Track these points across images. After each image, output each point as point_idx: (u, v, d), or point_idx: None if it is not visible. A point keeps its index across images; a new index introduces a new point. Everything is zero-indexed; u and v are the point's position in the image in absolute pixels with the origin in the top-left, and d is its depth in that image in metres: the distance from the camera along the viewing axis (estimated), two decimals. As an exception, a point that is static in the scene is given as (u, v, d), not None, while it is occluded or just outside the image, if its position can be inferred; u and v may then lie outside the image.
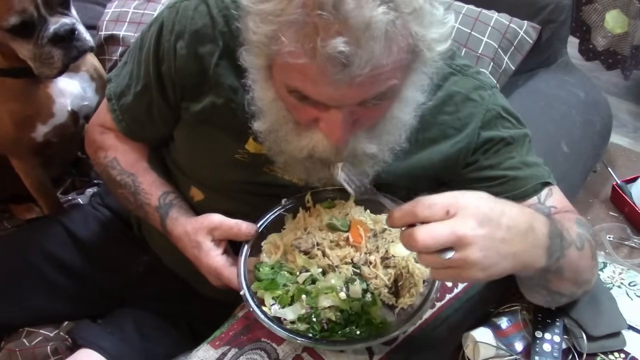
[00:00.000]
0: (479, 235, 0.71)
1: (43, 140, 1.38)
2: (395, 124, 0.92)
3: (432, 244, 0.70)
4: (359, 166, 0.93)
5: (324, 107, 0.82)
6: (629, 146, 2.09)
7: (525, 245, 0.76)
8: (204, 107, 1.02)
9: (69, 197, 1.61)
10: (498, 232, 0.73)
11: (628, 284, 1.14)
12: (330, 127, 0.84)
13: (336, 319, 0.84)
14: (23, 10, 1.15)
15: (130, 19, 1.70)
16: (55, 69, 1.23)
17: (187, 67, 1.01)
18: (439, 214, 0.72)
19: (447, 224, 0.71)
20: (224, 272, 0.99)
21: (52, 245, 1.29)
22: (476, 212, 0.72)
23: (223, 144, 1.04)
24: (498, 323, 1.05)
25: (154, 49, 1.04)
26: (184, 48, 1.00)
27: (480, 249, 0.71)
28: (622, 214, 1.45)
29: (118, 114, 1.14)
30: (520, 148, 1.04)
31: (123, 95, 1.13)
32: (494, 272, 0.73)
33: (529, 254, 0.77)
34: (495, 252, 0.72)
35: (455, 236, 0.70)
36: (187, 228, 1.04)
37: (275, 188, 1.04)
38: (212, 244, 1.01)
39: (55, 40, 1.20)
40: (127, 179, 1.15)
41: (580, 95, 1.46)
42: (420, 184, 1.06)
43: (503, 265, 0.74)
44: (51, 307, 1.26)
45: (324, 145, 0.88)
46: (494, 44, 1.37)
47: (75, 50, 1.23)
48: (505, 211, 0.75)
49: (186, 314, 1.25)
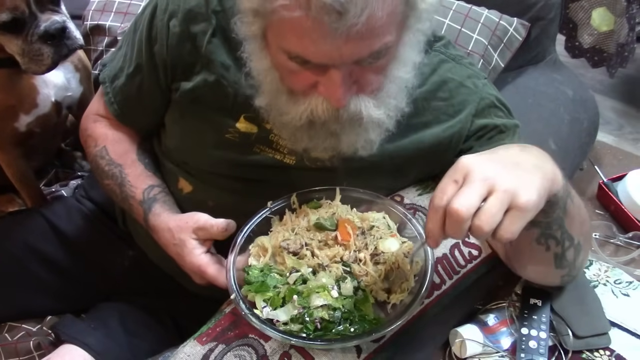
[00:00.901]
0: (497, 169, 0.72)
1: (26, 130, 1.37)
2: (398, 85, 0.92)
3: (470, 200, 0.70)
4: (365, 134, 0.93)
5: (323, 70, 0.82)
6: (613, 143, 2.10)
7: (534, 156, 0.78)
8: (196, 85, 1.03)
9: (52, 189, 1.59)
10: (506, 159, 0.75)
11: (613, 282, 1.15)
12: (330, 88, 0.84)
13: (329, 317, 0.84)
14: (14, 7, 1.14)
15: (117, 9, 1.67)
16: (44, 65, 1.22)
17: (179, 45, 1.03)
18: (451, 188, 0.72)
19: (467, 182, 0.71)
20: (208, 269, 0.98)
21: (34, 238, 1.27)
22: (476, 161, 0.73)
23: (214, 123, 1.04)
24: (485, 320, 1.06)
25: (147, 30, 1.06)
26: (177, 26, 1.02)
27: (507, 174, 0.71)
28: (608, 212, 1.46)
29: (110, 97, 1.15)
30: (511, 137, 1.04)
31: (116, 78, 1.14)
32: (538, 186, 0.72)
33: (545, 161, 0.78)
34: (521, 171, 0.73)
35: (480, 180, 0.70)
36: (170, 225, 1.03)
37: (265, 170, 1.04)
38: (197, 242, 1.01)
39: (45, 37, 1.18)
40: (114, 170, 1.14)
41: (569, 93, 1.46)
42: (409, 169, 1.06)
43: (537, 177, 0.73)
44: (34, 301, 1.25)
45: (322, 108, 0.88)
46: (484, 41, 1.37)
47: (66, 48, 1.22)
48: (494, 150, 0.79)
49: (171, 309, 1.24)
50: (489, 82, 1.08)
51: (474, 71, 1.07)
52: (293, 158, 1.03)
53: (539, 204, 0.72)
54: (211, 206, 1.08)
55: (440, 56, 1.06)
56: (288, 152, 1.03)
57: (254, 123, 1.02)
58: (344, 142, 0.94)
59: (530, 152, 0.78)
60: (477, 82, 1.05)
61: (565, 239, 0.89)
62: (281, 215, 1.00)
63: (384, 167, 1.03)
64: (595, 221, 1.41)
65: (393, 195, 1.08)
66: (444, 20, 1.37)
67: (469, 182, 0.71)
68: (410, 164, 1.05)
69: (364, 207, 1.01)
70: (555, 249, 0.90)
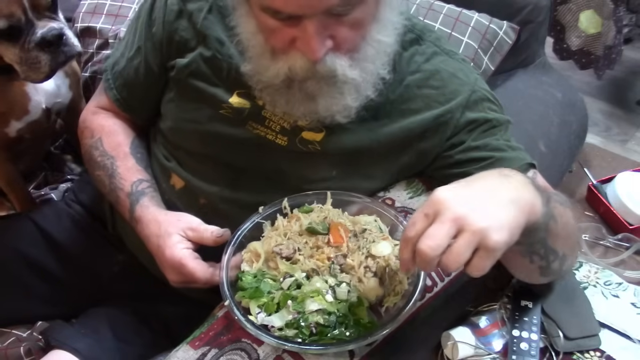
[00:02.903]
0: (468, 206, 0.71)
1: (16, 135, 1.36)
2: (376, 48, 0.94)
3: (437, 241, 0.70)
4: (341, 97, 0.95)
5: (297, 21, 0.84)
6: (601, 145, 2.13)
7: (514, 187, 0.76)
8: (193, 59, 1.07)
9: (42, 192, 1.58)
10: (480, 194, 0.74)
11: (603, 284, 1.16)
12: (305, 40, 0.86)
13: (324, 322, 0.84)
14: (10, 15, 1.13)
15: (108, 11, 1.67)
16: (42, 73, 1.22)
17: (175, 22, 1.08)
18: (422, 221, 0.72)
19: (436, 220, 0.71)
20: (189, 263, 0.98)
21: (23, 244, 1.27)
22: (449, 195, 0.73)
23: (208, 98, 1.06)
24: (477, 322, 1.06)
25: (148, 13, 1.11)
26: (175, 4, 1.08)
27: (479, 213, 0.70)
28: (597, 214, 1.47)
29: (110, 82, 1.18)
30: (504, 133, 1.06)
31: (117, 64, 1.18)
32: (510, 224, 0.72)
33: (524, 193, 0.77)
34: (493, 208, 0.72)
35: (449, 220, 0.70)
36: (160, 218, 1.04)
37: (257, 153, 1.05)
38: (182, 238, 1.01)
39: (42, 45, 1.18)
40: (106, 161, 1.15)
41: (558, 95, 1.47)
42: (398, 156, 1.07)
43: (511, 214, 0.72)
44: (23, 307, 1.24)
45: (300, 64, 0.90)
46: (474, 45, 1.37)
47: (63, 55, 1.22)
48: (471, 179, 0.77)
49: (161, 314, 1.23)
50: (481, 77, 1.10)
51: (467, 66, 1.09)
52: (285, 139, 1.04)
53: (511, 241, 0.72)
54: (202, 204, 1.09)
55: (434, 48, 1.07)
56: (280, 130, 1.04)
57: (247, 99, 1.05)
58: (321, 105, 0.96)
59: (509, 183, 0.77)
60: (470, 75, 1.06)
61: (550, 254, 0.90)
62: (273, 220, 1.00)
63: (373, 154, 1.04)
64: (584, 223, 1.42)
65: (384, 199, 1.09)
66: (434, 24, 1.38)
67: (439, 221, 0.71)
68: (398, 150, 1.06)
69: (356, 210, 1.01)
70: (539, 263, 0.90)
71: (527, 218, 0.75)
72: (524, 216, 0.74)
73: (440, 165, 1.07)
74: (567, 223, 0.89)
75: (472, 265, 0.71)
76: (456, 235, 0.70)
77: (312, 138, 1.03)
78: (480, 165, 1.03)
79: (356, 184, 1.06)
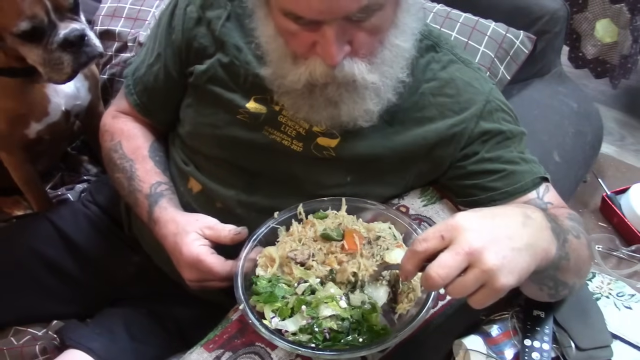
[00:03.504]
0: (486, 241, 0.70)
1: (35, 137, 1.38)
2: (395, 52, 0.95)
3: (448, 272, 0.69)
4: (363, 102, 0.97)
5: (317, 26, 0.86)
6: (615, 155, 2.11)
7: (533, 232, 0.76)
8: (211, 65, 1.09)
9: (58, 192, 1.60)
10: (500, 231, 0.72)
11: (616, 295, 1.16)
12: (324, 45, 0.87)
13: (338, 327, 0.84)
14: (34, 16, 1.15)
15: (127, 14, 1.69)
16: (65, 74, 1.23)
17: (194, 29, 1.10)
18: (435, 241, 0.72)
19: (451, 248, 0.70)
20: (206, 258, 0.99)
21: (40, 243, 1.28)
22: (470, 224, 0.72)
23: (226, 103, 1.08)
24: (488, 331, 1.06)
25: (168, 20, 1.13)
26: (194, 12, 1.10)
27: (494, 252, 0.69)
28: (611, 225, 1.47)
29: (131, 88, 1.21)
30: (517, 144, 1.06)
31: (137, 70, 1.20)
32: (520, 269, 0.71)
33: (541, 239, 0.76)
34: (509, 250, 0.71)
35: (464, 253, 0.69)
36: (177, 218, 1.06)
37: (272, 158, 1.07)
38: (199, 236, 1.02)
39: (65, 45, 1.19)
40: (125, 164, 1.17)
41: (573, 105, 1.47)
42: (411, 164, 1.07)
43: (524, 259, 0.72)
44: (39, 306, 1.26)
45: (320, 69, 0.91)
46: (491, 54, 1.37)
47: (85, 55, 1.23)
48: (496, 212, 0.76)
49: (176, 315, 1.24)
50: (497, 88, 1.10)
51: (482, 76, 1.09)
52: (300, 145, 1.05)
53: (518, 284, 0.71)
54: (219, 207, 1.10)
55: (450, 56, 1.08)
56: (295, 136, 1.05)
57: (263, 104, 1.06)
58: (343, 110, 0.97)
59: (529, 226, 0.76)
60: (485, 84, 1.07)
61: (559, 286, 0.90)
62: (288, 225, 1.00)
63: (387, 161, 1.05)
64: (598, 234, 1.42)
65: (398, 206, 1.10)
66: (451, 32, 1.38)
67: (454, 250, 0.70)
68: (412, 158, 1.06)
69: (370, 217, 1.02)
70: (548, 291, 0.91)
71: (539, 264, 0.75)
72: (536, 262, 0.74)
73: (454, 176, 1.07)
74: (580, 256, 0.89)
75: (474, 299, 0.71)
76: (466, 268, 0.70)
77: (327, 144, 1.04)
78: (493, 178, 1.03)
79: (370, 190, 1.07)
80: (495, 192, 1.02)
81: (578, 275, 0.93)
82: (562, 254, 0.81)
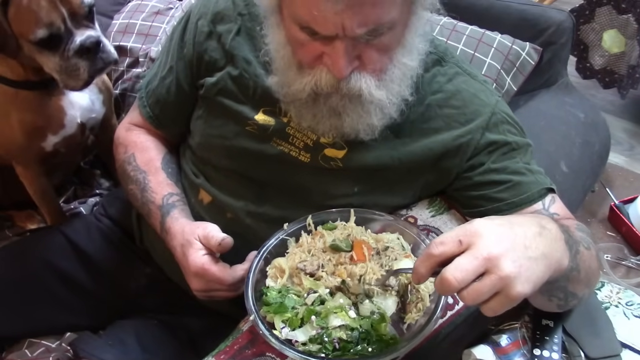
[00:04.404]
0: (504, 248, 0.70)
1: (52, 150, 1.40)
2: (402, 71, 0.97)
3: (464, 276, 0.68)
4: (367, 116, 0.98)
5: (329, 40, 0.88)
6: (624, 165, 2.11)
7: (548, 242, 0.76)
8: (221, 77, 1.11)
9: (71, 206, 1.62)
10: (518, 239, 0.72)
11: (625, 304, 1.16)
12: (333, 58, 0.89)
13: (347, 337, 0.85)
14: (51, 24, 1.17)
15: (138, 30, 1.72)
16: (81, 80, 1.25)
17: (205, 42, 1.13)
18: (452, 245, 0.71)
19: (469, 252, 0.70)
20: (211, 267, 1.01)
21: (54, 256, 1.30)
22: (488, 231, 0.71)
23: (235, 115, 1.10)
24: (498, 340, 1.06)
25: (180, 34, 1.16)
26: (205, 26, 1.12)
27: (511, 259, 0.69)
28: (620, 234, 1.47)
29: (144, 100, 1.23)
30: (523, 155, 1.06)
31: (150, 83, 1.22)
32: (536, 279, 0.71)
33: (555, 249, 0.76)
34: (525, 259, 0.71)
35: (482, 258, 0.69)
36: (185, 228, 1.07)
37: (281, 168, 1.08)
38: (203, 245, 1.03)
39: (81, 52, 1.22)
40: (138, 176, 1.19)
41: (580, 116, 1.47)
42: (418, 176, 1.08)
43: (540, 268, 0.72)
44: (53, 318, 1.27)
45: (326, 79, 0.93)
46: (497, 65, 1.39)
47: (101, 62, 1.25)
48: (513, 221, 0.76)
49: (187, 326, 1.25)
50: (503, 100, 1.11)
51: (488, 88, 1.10)
52: (308, 155, 1.07)
53: (532, 293, 0.71)
54: (229, 218, 1.12)
55: (456, 69, 1.09)
56: (303, 147, 1.07)
57: (272, 116, 1.08)
58: (346, 122, 0.99)
59: (545, 237, 0.76)
60: (491, 97, 1.08)
61: (569, 297, 0.91)
62: (297, 237, 1.01)
63: (394, 172, 1.06)
64: (606, 243, 1.42)
65: (406, 217, 1.10)
66: (457, 45, 1.40)
67: (472, 254, 0.69)
68: (419, 168, 1.07)
69: (379, 228, 1.03)
70: (558, 302, 0.91)
71: (552, 274, 0.75)
72: (550, 273, 0.74)
73: (460, 187, 1.08)
74: (590, 268, 0.89)
75: (488, 307, 0.70)
76: (483, 273, 0.69)
77: (334, 155, 1.06)
78: (499, 188, 1.04)
79: (378, 200, 1.08)
80: (502, 203, 1.03)
81: (588, 286, 0.94)
82: (574, 266, 0.82)
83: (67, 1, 1.17)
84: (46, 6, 1.15)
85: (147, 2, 1.80)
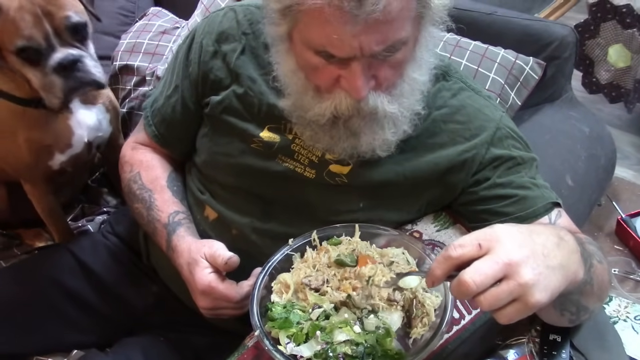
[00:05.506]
0: (524, 255, 0.69)
1: (59, 168, 1.41)
2: (412, 85, 0.98)
3: (484, 279, 0.67)
4: (382, 132, 0.99)
5: (345, 63, 0.88)
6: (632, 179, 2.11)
7: (565, 253, 0.76)
8: (226, 96, 1.12)
9: (79, 224, 1.63)
10: (538, 248, 0.72)
11: (634, 318, 1.15)
12: (351, 80, 0.90)
13: (352, 352, 0.84)
14: (30, 37, 1.18)
15: (145, 49, 1.74)
16: (57, 98, 1.25)
17: (210, 61, 1.14)
18: (472, 248, 0.70)
19: (489, 256, 0.69)
20: (218, 285, 1.01)
21: (61, 274, 1.30)
22: (509, 236, 0.71)
23: (240, 133, 1.11)
24: (505, 356, 1.06)
25: (185, 53, 1.17)
26: (210, 45, 1.13)
27: (531, 267, 0.69)
28: (627, 248, 1.46)
29: (149, 119, 1.24)
30: (529, 170, 1.06)
31: (156, 102, 1.23)
32: (553, 288, 0.71)
33: (572, 261, 0.76)
34: (544, 267, 0.70)
35: (503, 263, 0.68)
36: (192, 246, 1.08)
37: (286, 184, 1.08)
38: (208, 263, 1.04)
39: (58, 70, 1.22)
40: (144, 194, 1.20)
41: (585, 130, 1.47)
42: (423, 190, 1.08)
43: (557, 278, 0.72)
44: (60, 336, 1.27)
45: (346, 103, 0.94)
46: (501, 80, 1.39)
47: (76, 80, 1.24)
48: (533, 229, 0.76)
49: (193, 343, 1.25)
50: (507, 115, 1.11)
51: (492, 103, 1.11)
52: (313, 172, 1.07)
53: (548, 302, 0.71)
54: (234, 235, 1.12)
55: (460, 84, 1.10)
56: (308, 163, 1.07)
57: (277, 133, 1.09)
58: (363, 140, 1.00)
59: (563, 248, 0.76)
60: (495, 112, 1.08)
61: (581, 311, 0.91)
62: (302, 252, 1.02)
63: (399, 187, 1.06)
64: (614, 257, 1.41)
65: (412, 232, 1.10)
66: (461, 60, 1.41)
67: (492, 259, 0.69)
68: (425, 184, 1.07)
69: (384, 243, 1.03)
70: (569, 317, 0.91)
71: (567, 285, 0.75)
72: (566, 283, 0.74)
73: (466, 201, 1.08)
74: (602, 281, 0.89)
75: (503, 314, 0.69)
76: (501, 279, 0.68)
77: (339, 171, 1.06)
78: (505, 203, 1.04)
79: (383, 216, 1.08)
80: (508, 218, 1.03)
81: (599, 300, 0.94)
82: (588, 279, 0.82)
83: (51, 18, 1.19)
84: (30, 20, 1.17)
85: (153, 22, 1.83)
